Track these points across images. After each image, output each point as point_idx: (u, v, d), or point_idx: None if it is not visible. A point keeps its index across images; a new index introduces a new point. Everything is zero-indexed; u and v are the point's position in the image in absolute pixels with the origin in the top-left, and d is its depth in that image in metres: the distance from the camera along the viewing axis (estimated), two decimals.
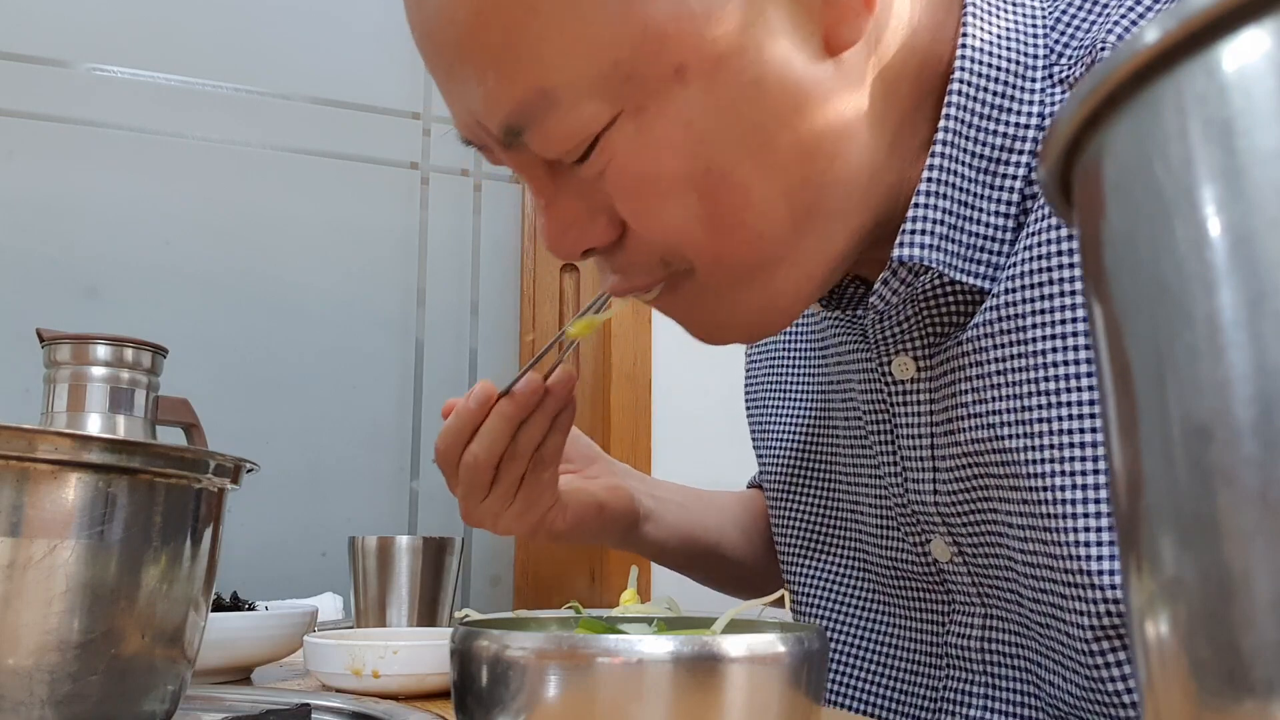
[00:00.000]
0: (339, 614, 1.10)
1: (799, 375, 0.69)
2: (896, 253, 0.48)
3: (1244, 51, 0.12)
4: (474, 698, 0.39)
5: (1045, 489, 0.47)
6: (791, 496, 0.68)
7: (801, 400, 0.68)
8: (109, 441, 0.37)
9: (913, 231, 0.48)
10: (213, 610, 0.53)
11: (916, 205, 0.48)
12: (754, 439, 0.75)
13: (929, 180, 0.49)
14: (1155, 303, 0.14)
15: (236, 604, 0.78)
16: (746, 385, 0.76)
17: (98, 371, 0.81)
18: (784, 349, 0.71)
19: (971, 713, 0.55)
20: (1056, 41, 0.51)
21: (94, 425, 0.80)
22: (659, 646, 0.36)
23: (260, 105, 1.48)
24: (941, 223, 0.49)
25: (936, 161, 0.49)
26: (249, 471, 0.44)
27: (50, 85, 1.39)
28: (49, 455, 0.35)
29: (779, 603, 0.48)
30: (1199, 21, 0.13)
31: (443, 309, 1.54)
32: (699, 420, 1.48)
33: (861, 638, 0.62)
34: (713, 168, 0.44)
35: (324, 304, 1.48)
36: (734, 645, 0.37)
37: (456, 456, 0.58)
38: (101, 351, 0.81)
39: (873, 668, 0.62)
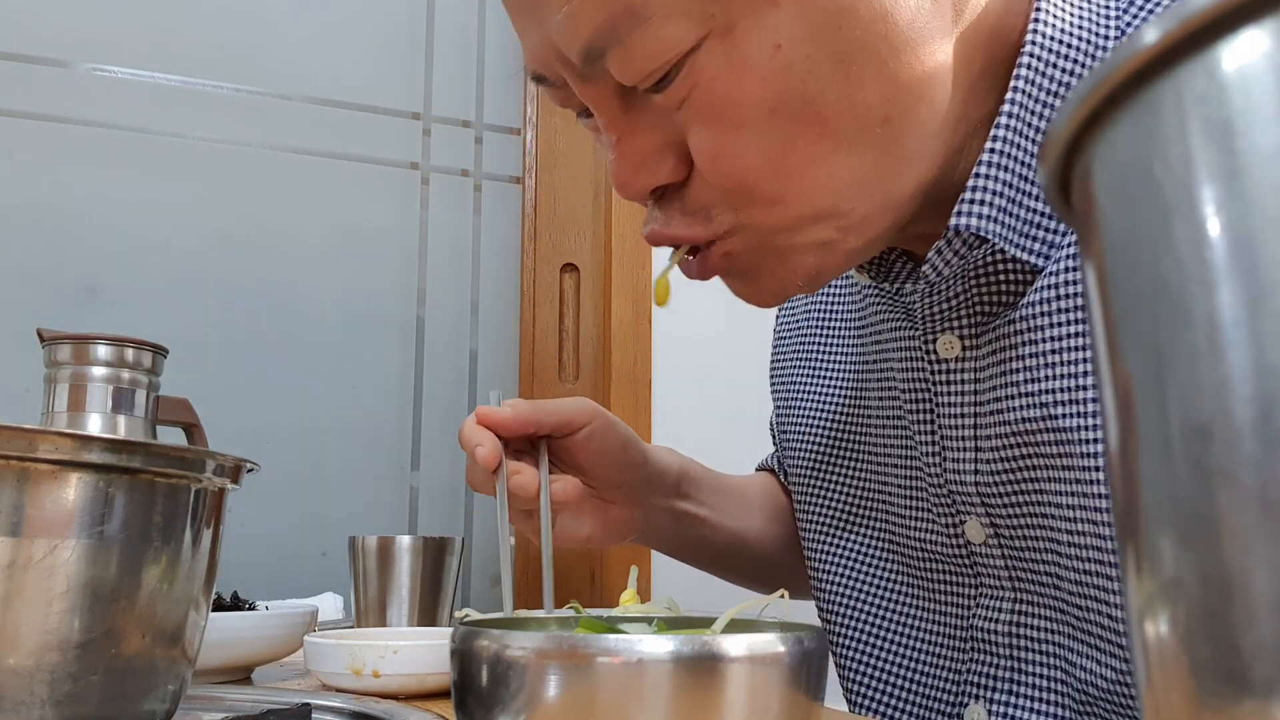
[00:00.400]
0: (339, 614, 1.10)
1: (833, 352, 0.68)
2: (954, 221, 0.48)
3: (1244, 51, 0.12)
4: (474, 698, 0.39)
5: (1098, 469, 0.47)
6: (821, 475, 0.67)
7: (835, 378, 0.67)
8: (109, 441, 0.37)
9: (972, 201, 0.48)
10: (213, 610, 0.53)
11: (978, 175, 0.48)
12: (779, 415, 0.73)
13: (991, 151, 0.48)
14: (1155, 303, 0.14)
15: (236, 604, 0.78)
16: (773, 362, 0.75)
17: (98, 371, 0.81)
18: (817, 325, 0.70)
19: (996, 696, 0.55)
20: (1128, 25, 0.50)
21: (94, 425, 0.80)
22: (659, 646, 0.36)
23: (260, 105, 1.48)
24: (1001, 195, 0.48)
25: (1000, 134, 0.48)
26: (249, 471, 0.44)
27: (50, 85, 1.39)
28: (49, 455, 0.35)
29: (799, 595, 0.47)
30: (1199, 21, 0.13)
31: (443, 309, 1.53)
32: (699, 420, 1.48)
33: (885, 619, 0.62)
34: (797, 96, 0.43)
35: (324, 304, 1.47)
36: (734, 645, 0.37)
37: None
38: (102, 351, 0.81)
39: (895, 649, 0.61)
